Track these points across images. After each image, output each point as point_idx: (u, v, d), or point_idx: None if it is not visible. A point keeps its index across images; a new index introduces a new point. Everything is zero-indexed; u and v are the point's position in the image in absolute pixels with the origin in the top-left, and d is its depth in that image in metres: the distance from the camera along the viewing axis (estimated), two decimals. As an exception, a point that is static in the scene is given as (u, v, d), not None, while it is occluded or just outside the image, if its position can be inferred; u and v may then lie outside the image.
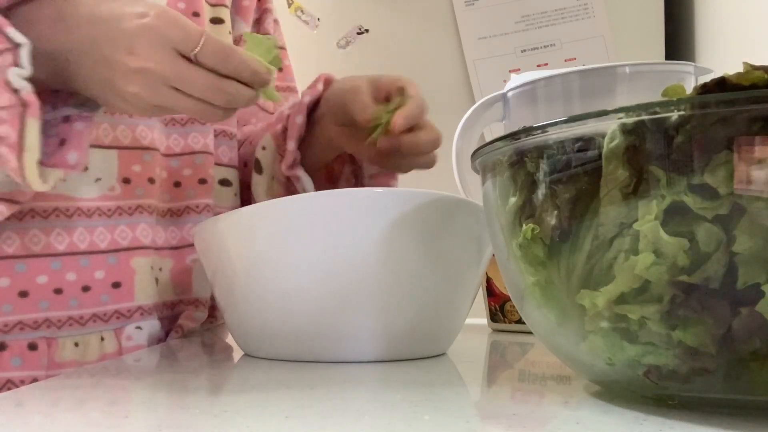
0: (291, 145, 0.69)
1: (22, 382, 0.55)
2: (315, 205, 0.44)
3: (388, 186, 0.73)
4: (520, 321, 0.67)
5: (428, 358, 0.48)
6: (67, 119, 0.50)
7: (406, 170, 0.66)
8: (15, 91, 0.44)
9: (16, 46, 0.44)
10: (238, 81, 0.49)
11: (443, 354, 0.50)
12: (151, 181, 0.63)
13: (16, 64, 0.44)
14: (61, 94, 0.50)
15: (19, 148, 0.45)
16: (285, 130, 0.70)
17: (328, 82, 0.69)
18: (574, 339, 0.30)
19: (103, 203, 0.60)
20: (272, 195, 0.74)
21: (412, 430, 0.27)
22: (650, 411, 0.29)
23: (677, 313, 0.26)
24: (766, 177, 0.24)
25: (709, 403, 0.28)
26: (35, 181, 0.46)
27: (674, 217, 0.26)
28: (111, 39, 0.47)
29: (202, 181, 0.69)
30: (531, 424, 0.28)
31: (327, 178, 0.75)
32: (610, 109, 0.27)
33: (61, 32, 0.48)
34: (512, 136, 0.31)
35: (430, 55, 1.29)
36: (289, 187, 0.73)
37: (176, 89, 0.48)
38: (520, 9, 1.24)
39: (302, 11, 1.35)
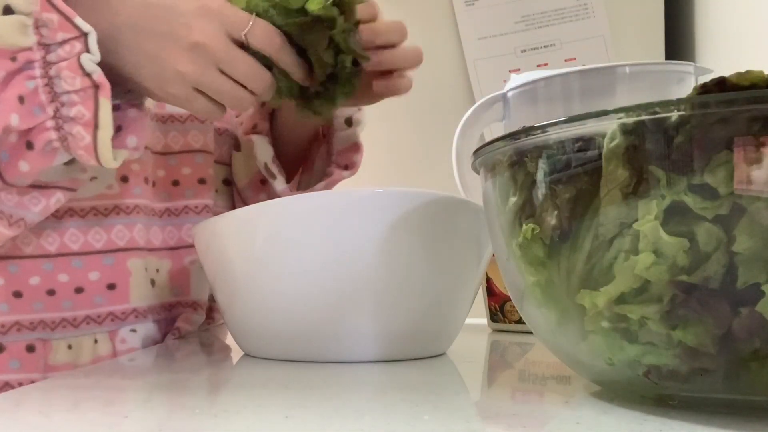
0: (251, 109, 0.70)
1: (20, 385, 0.55)
2: (315, 205, 0.44)
3: (351, 160, 0.73)
4: (520, 321, 0.67)
5: (428, 358, 0.48)
6: (117, 108, 0.52)
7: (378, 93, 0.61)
8: (87, 75, 0.47)
9: (84, 34, 0.47)
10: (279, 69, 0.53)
11: (443, 354, 0.50)
12: (146, 180, 0.63)
13: (86, 50, 0.47)
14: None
15: (94, 125, 0.48)
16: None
17: None
18: (574, 339, 0.30)
19: (99, 202, 0.59)
20: (250, 172, 0.75)
21: (412, 430, 0.27)
22: (650, 411, 0.29)
23: (677, 313, 0.26)
24: (766, 177, 0.24)
25: (709, 403, 0.28)
26: (108, 157, 0.49)
27: (674, 217, 0.26)
28: (169, 17, 0.50)
29: (202, 181, 0.69)
30: (531, 424, 0.28)
31: (304, 161, 0.76)
32: (610, 109, 0.27)
33: (107, 14, 0.50)
34: (512, 136, 0.31)
35: (430, 55, 1.28)
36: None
37: (221, 72, 0.51)
38: (520, 9, 1.24)
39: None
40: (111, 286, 0.59)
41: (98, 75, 0.47)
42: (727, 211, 0.25)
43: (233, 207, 0.78)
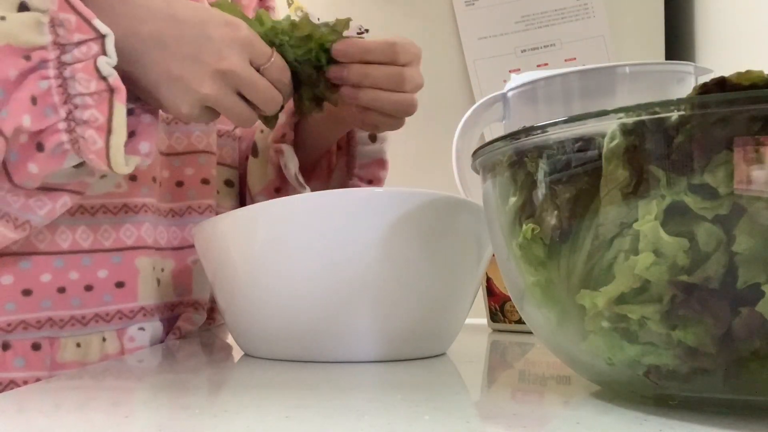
0: (282, 117, 0.70)
1: (25, 383, 0.55)
2: (315, 205, 0.44)
3: (376, 175, 0.73)
4: (520, 321, 0.67)
5: (428, 358, 0.48)
6: (131, 112, 0.51)
7: (370, 122, 0.63)
8: (103, 78, 0.46)
9: (102, 36, 0.46)
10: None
11: (443, 354, 0.50)
12: (154, 180, 0.63)
13: (103, 53, 0.46)
14: None
15: (107, 130, 0.47)
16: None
17: None
18: (574, 339, 0.30)
19: (108, 201, 0.59)
20: (265, 179, 0.75)
21: (412, 430, 0.27)
22: (650, 411, 0.29)
23: (677, 313, 0.26)
24: (766, 177, 0.24)
25: (709, 403, 0.28)
26: (120, 162, 0.48)
27: (674, 217, 0.26)
28: (198, 40, 0.50)
29: (205, 182, 0.69)
30: (531, 424, 0.28)
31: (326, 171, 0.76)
32: (610, 109, 0.27)
33: (132, 22, 0.49)
34: (512, 136, 0.31)
35: (430, 55, 1.29)
36: (281, 170, 0.73)
37: (239, 94, 0.53)
38: (520, 9, 1.24)
39: (302, 11, 1.35)
40: (119, 284, 0.59)
41: (114, 78, 0.46)
42: (727, 211, 0.25)
43: (234, 208, 0.78)
